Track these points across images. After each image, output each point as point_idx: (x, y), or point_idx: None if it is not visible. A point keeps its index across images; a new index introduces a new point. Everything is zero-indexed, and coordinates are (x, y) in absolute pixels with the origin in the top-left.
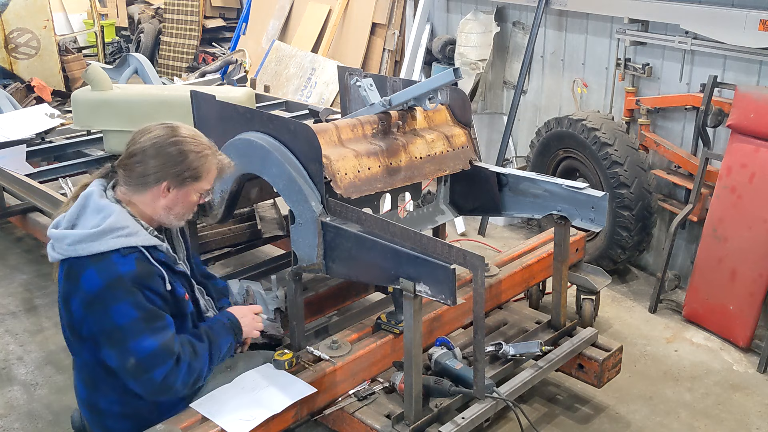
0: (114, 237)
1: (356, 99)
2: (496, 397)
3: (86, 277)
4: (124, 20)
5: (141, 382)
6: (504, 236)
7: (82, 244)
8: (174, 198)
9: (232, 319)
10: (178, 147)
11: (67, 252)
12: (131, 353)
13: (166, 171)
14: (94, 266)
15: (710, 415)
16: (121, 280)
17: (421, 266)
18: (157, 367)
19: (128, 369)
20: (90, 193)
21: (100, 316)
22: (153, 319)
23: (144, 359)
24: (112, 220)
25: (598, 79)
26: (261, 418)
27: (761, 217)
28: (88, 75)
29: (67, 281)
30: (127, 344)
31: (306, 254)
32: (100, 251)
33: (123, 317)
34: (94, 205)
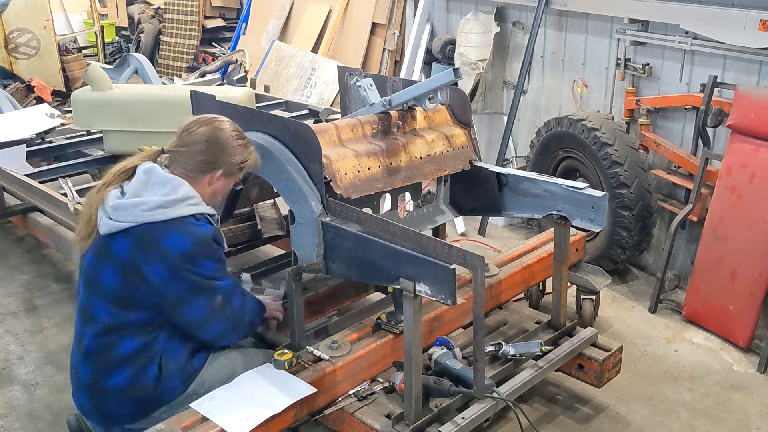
0: (188, 204)
1: (356, 99)
2: (496, 397)
3: (170, 240)
4: (124, 20)
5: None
6: (504, 236)
7: (160, 209)
8: (221, 185)
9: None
10: (237, 140)
11: (141, 218)
12: (218, 290)
13: (226, 161)
14: (176, 229)
15: (710, 415)
16: (206, 238)
17: (421, 266)
18: (234, 297)
19: (215, 307)
20: (152, 168)
21: (192, 273)
22: (225, 266)
23: (227, 292)
24: (184, 189)
25: (598, 79)
26: (261, 418)
27: (761, 217)
28: (88, 75)
29: (138, 247)
30: (215, 285)
31: (306, 254)
32: (177, 216)
33: (210, 270)
34: (158, 178)
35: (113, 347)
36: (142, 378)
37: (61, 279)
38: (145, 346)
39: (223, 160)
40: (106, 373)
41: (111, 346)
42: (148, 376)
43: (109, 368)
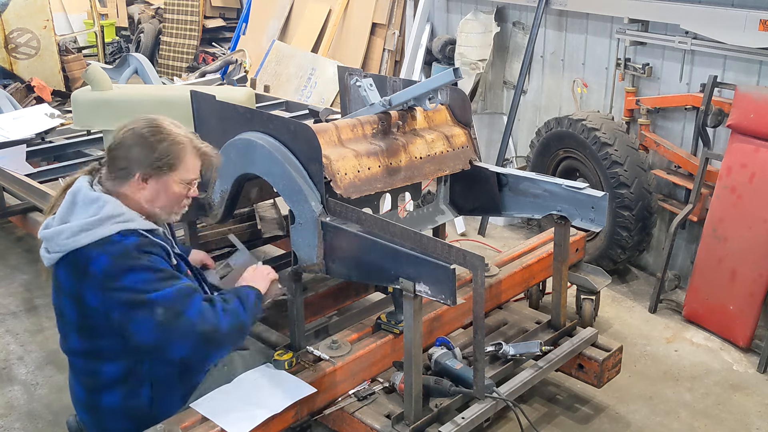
0: (113, 223)
1: (356, 99)
2: (496, 397)
3: (92, 263)
4: (124, 20)
5: (182, 331)
6: (504, 236)
7: (82, 233)
8: (154, 189)
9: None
10: (151, 137)
11: (65, 246)
12: (156, 302)
13: (139, 161)
14: (99, 248)
15: (710, 415)
16: (126, 250)
17: (421, 266)
18: (188, 306)
19: (162, 322)
20: (78, 189)
21: (117, 290)
22: (168, 276)
23: (171, 302)
24: (109, 208)
25: (598, 79)
26: (261, 418)
27: (761, 217)
28: (88, 75)
29: (74, 275)
30: (149, 298)
31: (306, 254)
32: (102, 236)
33: (138, 281)
34: (84, 198)
35: (98, 372)
36: (136, 399)
37: None
38: (129, 371)
39: (133, 161)
40: (98, 393)
41: (95, 371)
42: (141, 397)
43: (100, 389)
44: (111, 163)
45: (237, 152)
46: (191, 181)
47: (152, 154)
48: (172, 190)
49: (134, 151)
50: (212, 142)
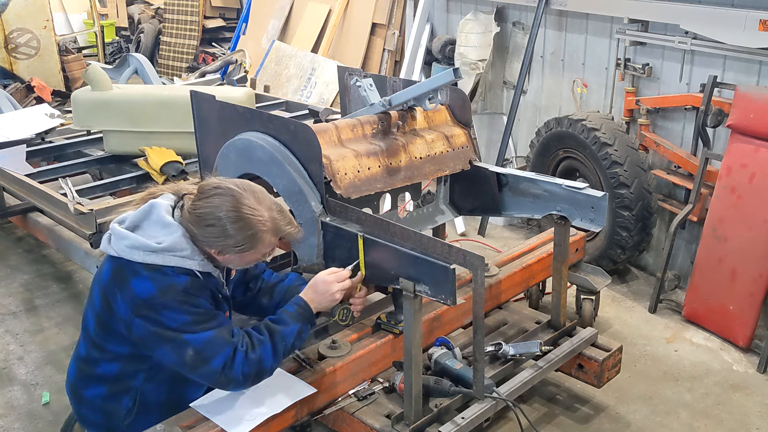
0: (172, 255)
1: (356, 99)
2: (496, 397)
3: (138, 281)
4: (124, 20)
5: (202, 374)
6: (504, 236)
7: (141, 251)
8: (229, 259)
9: (300, 305)
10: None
11: (122, 252)
12: (188, 344)
13: (218, 241)
14: (147, 273)
15: (710, 415)
16: (174, 288)
17: (421, 266)
18: (215, 356)
19: (187, 361)
20: (158, 205)
21: (151, 320)
22: (206, 319)
23: (202, 348)
24: (173, 240)
25: (598, 79)
26: (261, 418)
27: (761, 217)
28: (88, 75)
29: (115, 279)
30: (181, 338)
31: (306, 254)
32: (155, 263)
33: (174, 321)
34: (158, 218)
35: (95, 363)
36: (115, 403)
37: (61, 279)
38: (122, 377)
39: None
40: (86, 382)
41: (94, 362)
42: (121, 404)
43: (89, 379)
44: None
45: (237, 152)
46: (267, 252)
47: (230, 239)
48: (246, 259)
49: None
50: (212, 142)
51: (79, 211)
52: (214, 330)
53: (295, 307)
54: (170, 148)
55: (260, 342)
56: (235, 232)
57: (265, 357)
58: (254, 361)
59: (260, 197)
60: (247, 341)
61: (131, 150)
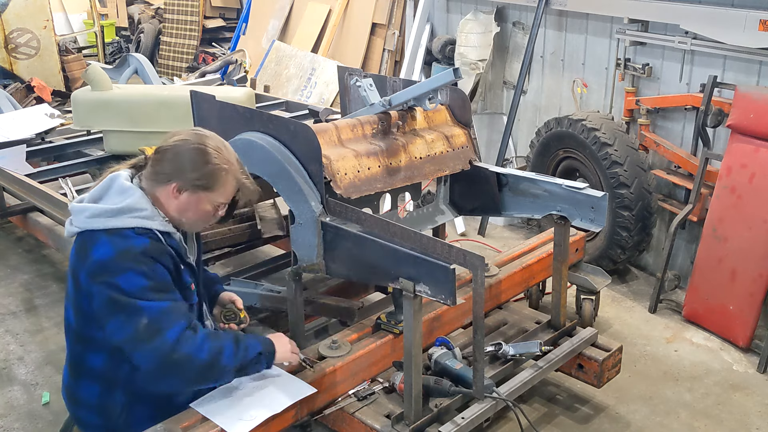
0: (131, 216)
1: (356, 99)
2: (496, 397)
3: (97, 246)
4: (124, 20)
5: (154, 347)
6: (504, 236)
7: (100, 218)
8: (185, 202)
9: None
10: (197, 154)
11: (83, 224)
12: (142, 312)
13: (179, 173)
14: (107, 237)
15: (710, 415)
16: (132, 250)
17: (421, 266)
18: (170, 327)
19: (139, 331)
20: (116, 176)
21: (108, 285)
22: (163, 289)
23: (155, 318)
24: (133, 200)
25: (598, 79)
26: (261, 418)
27: (761, 217)
28: (88, 75)
29: (78, 254)
30: (135, 306)
31: (306, 254)
32: (115, 226)
33: (130, 284)
34: (118, 186)
35: (81, 358)
36: (110, 399)
37: (61, 279)
38: (109, 369)
39: (177, 173)
40: (78, 383)
41: (80, 357)
42: (116, 400)
43: (80, 378)
44: (155, 164)
45: (237, 152)
46: (222, 203)
47: (195, 172)
48: (202, 207)
49: (176, 162)
50: None
51: None
52: (170, 302)
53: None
54: None
55: (222, 337)
56: (196, 164)
57: (226, 353)
58: (214, 350)
59: (225, 144)
60: (210, 331)
61: (131, 150)
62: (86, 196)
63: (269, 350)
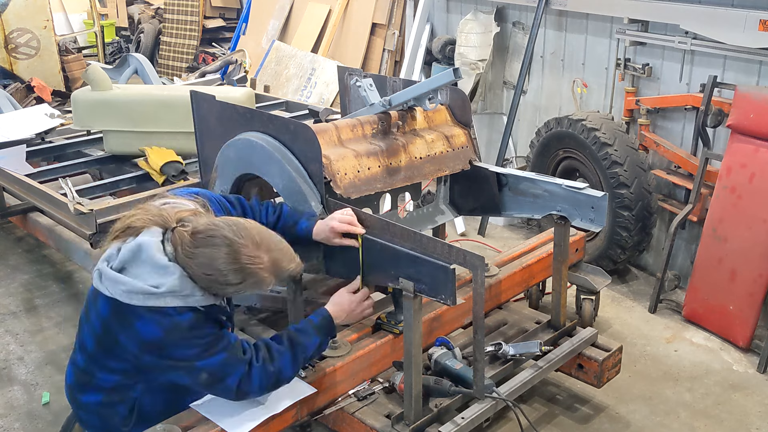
0: (172, 297)
1: (356, 99)
2: (496, 397)
3: (142, 325)
4: (124, 20)
5: (218, 391)
6: (504, 236)
7: (139, 296)
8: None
9: (325, 317)
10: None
11: (119, 297)
12: (201, 369)
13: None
14: (150, 316)
15: (710, 415)
16: (179, 327)
17: (421, 266)
18: (230, 375)
19: (202, 383)
20: (146, 245)
21: (162, 356)
22: (214, 344)
23: (215, 371)
24: (173, 282)
25: (598, 79)
26: (261, 418)
27: (761, 217)
28: (88, 75)
29: (117, 319)
30: (194, 364)
31: (306, 254)
32: (157, 305)
33: (184, 354)
34: (150, 259)
35: (93, 374)
36: (112, 410)
37: (61, 279)
38: (120, 388)
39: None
40: (83, 389)
41: (92, 373)
42: (118, 412)
43: (86, 386)
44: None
45: (237, 152)
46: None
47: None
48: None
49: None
50: (212, 142)
51: (79, 211)
52: (225, 352)
53: (319, 318)
54: (170, 148)
55: (280, 354)
56: (235, 280)
57: (285, 368)
58: (273, 374)
59: (258, 240)
60: (264, 354)
61: (131, 150)
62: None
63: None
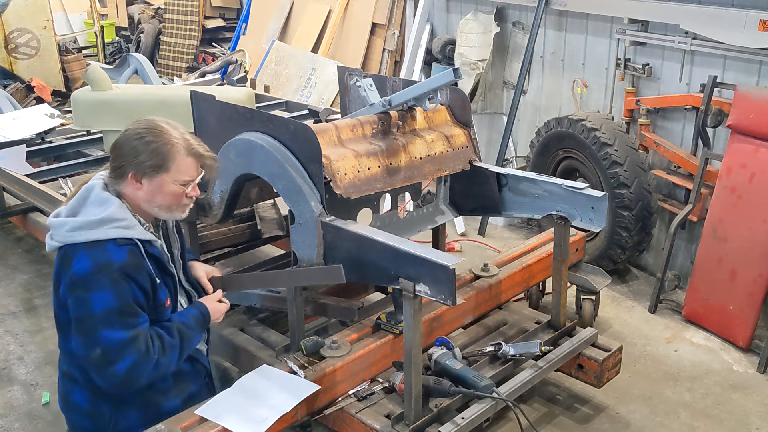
0: (111, 227)
1: (356, 99)
2: (496, 397)
3: (77, 259)
4: (124, 20)
5: (103, 375)
6: (504, 236)
7: (81, 231)
8: (148, 189)
9: (204, 313)
10: (141, 138)
11: (64, 238)
12: (98, 342)
13: (129, 161)
14: (87, 251)
15: (710, 415)
16: (110, 266)
17: (421, 266)
18: (121, 360)
19: (93, 358)
20: (92, 186)
21: (81, 299)
22: (129, 313)
23: (110, 350)
24: (112, 210)
25: (598, 79)
26: (272, 418)
27: (761, 217)
28: (88, 75)
29: (60, 266)
30: (96, 333)
31: (306, 254)
32: (96, 239)
33: (101, 304)
34: (95, 197)
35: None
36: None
37: None
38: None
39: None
40: (72, 387)
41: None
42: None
43: (72, 383)
44: (112, 162)
45: (237, 152)
46: (187, 181)
47: (140, 155)
48: (167, 189)
49: (125, 150)
50: (212, 142)
51: None
52: (130, 332)
53: (199, 314)
54: None
55: (172, 347)
56: (143, 147)
57: (172, 362)
58: (163, 366)
59: (173, 124)
60: (159, 346)
61: None
62: (63, 209)
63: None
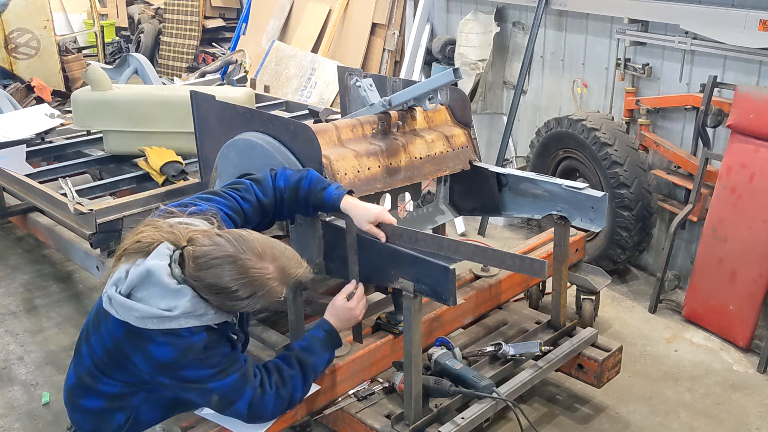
0: (185, 318)
1: (356, 99)
2: (496, 397)
3: (156, 345)
4: (124, 20)
5: (230, 414)
6: (504, 236)
7: (153, 320)
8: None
9: (327, 330)
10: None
11: (133, 322)
12: (213, 391)
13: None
14: (164, 339)
15: (710, 415)
16: (193, 349)
17: (421, 266)
18: (239, 399)
19: (213, 405)
20: (155, 269)
21: (175, 378)
22: (227, 365)
23: (226, 394)
24: (186, 304)
25: (598, 79)
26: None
27: (761, 217)
28: (88, 75)
29: (130, 341)
30: (206, 386)
31: (306, 254)
32: (170, 328)
33: (197, 375)
34: (160, 284)
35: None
36: (110, 417)
37: (61, 279)
38: (123, 395)
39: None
40: (85, 393)
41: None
42: (114, 420)
43: (88, 391)
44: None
45: (237, 152)
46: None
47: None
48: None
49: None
50: (212, 142)
51: (79, 211)
52: (237, 374)
53: (323, 333)
54: (170, 148)
55: (292, 378)
56: (245, 294)
57: (297, 392)
58: (285, 398)
59: (261, 251)
60: (277, 378)
61: (131, 150)
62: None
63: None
